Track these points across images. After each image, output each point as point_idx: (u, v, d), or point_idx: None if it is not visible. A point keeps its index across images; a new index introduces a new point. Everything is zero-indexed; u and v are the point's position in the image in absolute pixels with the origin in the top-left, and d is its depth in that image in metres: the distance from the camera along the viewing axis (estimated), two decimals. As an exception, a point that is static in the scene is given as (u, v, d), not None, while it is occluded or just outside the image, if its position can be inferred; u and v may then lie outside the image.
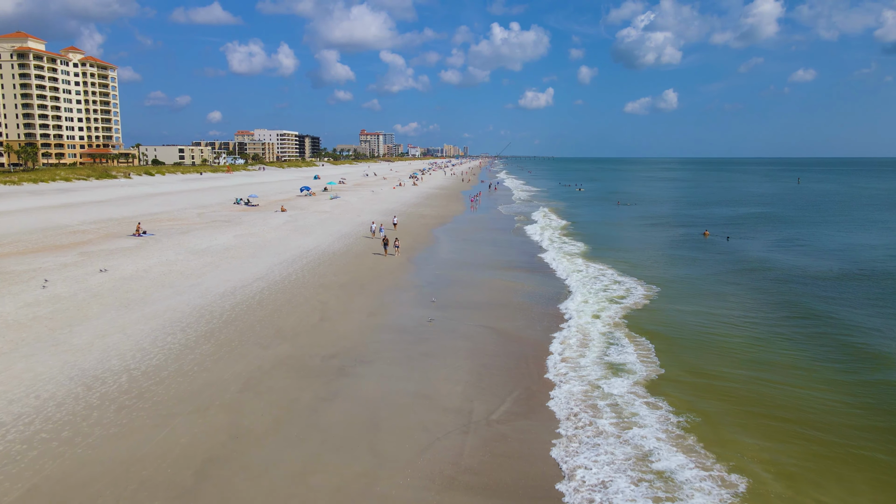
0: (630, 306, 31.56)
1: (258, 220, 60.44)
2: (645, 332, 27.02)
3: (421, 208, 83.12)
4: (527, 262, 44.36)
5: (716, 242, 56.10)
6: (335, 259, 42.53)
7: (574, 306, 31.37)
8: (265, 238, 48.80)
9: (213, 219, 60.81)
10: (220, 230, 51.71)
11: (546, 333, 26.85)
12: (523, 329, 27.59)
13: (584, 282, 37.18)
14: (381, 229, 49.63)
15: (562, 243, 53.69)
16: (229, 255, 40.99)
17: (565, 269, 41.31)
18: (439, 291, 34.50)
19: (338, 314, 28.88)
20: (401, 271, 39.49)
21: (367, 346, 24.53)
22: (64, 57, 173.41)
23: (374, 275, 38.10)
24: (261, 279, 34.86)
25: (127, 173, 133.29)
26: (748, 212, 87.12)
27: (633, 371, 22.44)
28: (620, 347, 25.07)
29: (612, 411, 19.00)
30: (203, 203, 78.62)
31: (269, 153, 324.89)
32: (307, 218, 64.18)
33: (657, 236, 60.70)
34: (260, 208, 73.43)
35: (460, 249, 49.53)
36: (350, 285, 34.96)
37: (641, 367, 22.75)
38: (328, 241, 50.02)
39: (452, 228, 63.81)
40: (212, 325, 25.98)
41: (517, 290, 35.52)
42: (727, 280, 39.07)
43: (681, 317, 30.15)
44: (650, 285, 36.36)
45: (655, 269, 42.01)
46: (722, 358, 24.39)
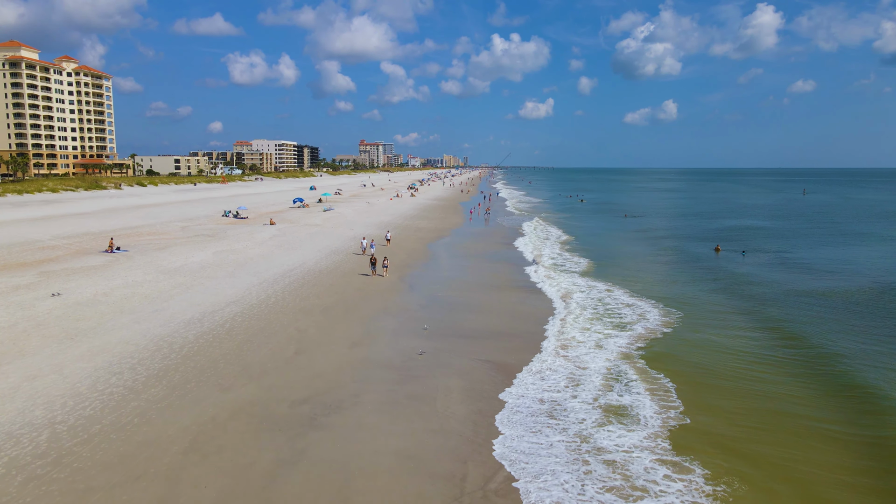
0: (643, 335, 28.17)
1: (244, 234, 57.15)
2: (662, 368, 23.63)
3: (417, 221, 79.90)
4: (527, 280, 41.02)
5: (731, 258, 52.77)
6: (321, 278, 39.20)
7: (578, 334, 27.98)
8: (247, 255, 45.49)
9: (196, 233, 57.52)
10: (200, 246, 48.41)
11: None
12: (527, 363, 24.19)
13: (589, 304, 33.81)
14: (372, 245, 46.17)
15: (565, 259, 50.36)
16: (205, 274, 37.65)
17: (569, 288, 37.96)
18: (432, 316, 31.15)
19: (316, 346, 25.51)
20: (391, 293, 36.15)
21: (346, 386, 21.15)
22: (57, 66, 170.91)
23: (361, 297, 34.76)
24: (235, 303, 31.50)
25: (118, 184, 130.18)
26: (759, 225, 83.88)
27: (646, 420, 19.03)
28: (630, 387, 21.69)
29: (622, 475, 15.59)
30: (190, 216, 75.36)
31: (266, 164, 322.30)
32: (296, 232, 60.89)
33: (666, 251, 57.40)
34: (248, 221, 70.17)
35: (457, 267, 46.20)
36: (334, 309, 31.62)
37: (656, 415, 19.35)
38: (316, 257, 46.71)
39: (450, 243, 60.53)
40: (168, 360, 22.59)
41: (518, 313, 32.14)
42: (751, 301, 35.66)
43: (704, 347, 26.74)
44: (666, 308, 32.99)
45: (668, 289, 38.66)
46: (763, 401, 21.00)
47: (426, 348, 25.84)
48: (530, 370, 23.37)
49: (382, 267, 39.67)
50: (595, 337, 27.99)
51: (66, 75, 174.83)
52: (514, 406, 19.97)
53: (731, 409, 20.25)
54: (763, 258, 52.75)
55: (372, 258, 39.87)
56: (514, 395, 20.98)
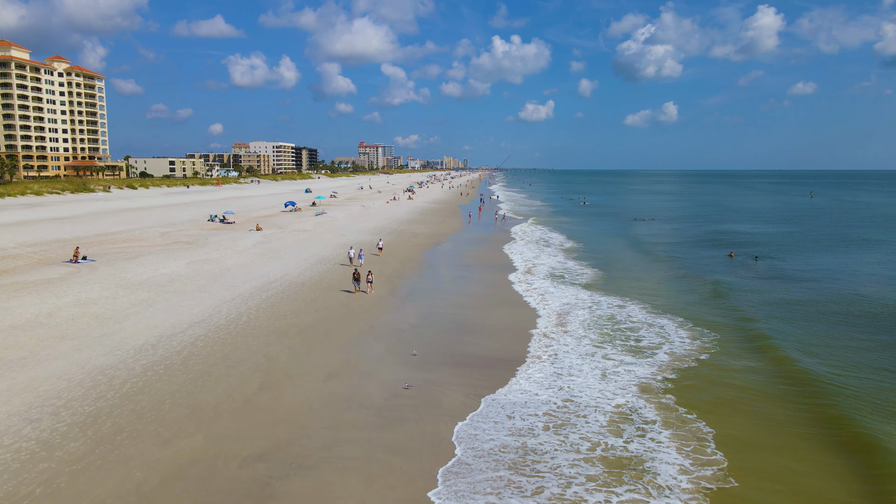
0: (666, 363, 24.48)
1: (226, 240, 53.47)
2: (694, 405, 19.94)
3: (414, 226, 76.24)
4: (531, 293, 37.31)
5: (747, 265, 49.08)
6: (302, 292, 35.52)
7: (580, 361, 24.28)
8: (224, 265, 41.81)
9: (175, 239, 53.86)
10: (175, 254, 44.73)
11: (567, 408, 19.77)
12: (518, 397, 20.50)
13: (594, 323, 30.11)
14: (360, 255, 42.39)
15: (571, 269, 46.66)
16: (172, 288, 33.96)
17: (580, 303, 34.27)
18: (423, 339, 27.47)
19: (285, 378, 21.83)
20: (379, 310, 32.47)
21: (313, 435, 17.49)
22: (48, 66, 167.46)
23: (345, 315, 31.08)
24: (200, 323, 27.82)
25: (107, 187, 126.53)
26: (771, 230, 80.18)
27: (669, 482, 15.33)
28: (647, 431, 18.00)
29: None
30: (174, 220, 71.71)
31: (264, 165, 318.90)
32: (283, 238, 57.22)
33: (681, 259, 53.65)
34: (234, 226, 66.51)
35: (453, 278, 42.51)
36: (312, 331, 27.94)
37: (684, 474, 15.64)
38: (300, 267, 43.04)
39: (447, 250, 56.85)
40: (103, 401, 18.92)
41: (520, 334, 28.44)
42: (792, 322, 31.90)
43: (750, 379, 22.97)
44: (694, 328, 29.27)
45: (691, 304, 34.94)
46: (845, 456, 17.30)
47: (414, 380, 22.19)
48: (523, 407, 19.68)
49: (367, 282, 35.52)
50: (603, 365, 24.29)
51: (58, 75, 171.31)
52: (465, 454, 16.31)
53: (797, 470, 16.53)
54: (779, 266, 49.02)
55: (355, 273, 35.62)
56: (469, 436, 17.31)
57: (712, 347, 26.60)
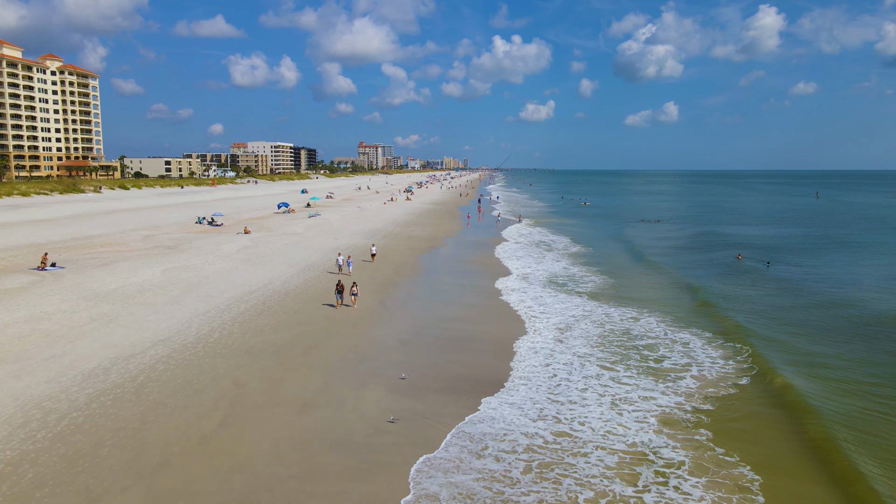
0: (695, 390, 21.60)
1: (210, 245, 50.58)
2: (734, 446, 17.04)
3: (410, 228, 73.35)
4: (531, 304, 34.42)
5: (759, 271, 46.18)
6: (285, 303, 32.64)
7: (593, 392, 21.39)
8: (204, 272, 38.91)
9: (157, 244, 50.97)
10: (152, 260, 41.85)
11: (578, 446, 16.88)
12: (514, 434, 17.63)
13: (610, 338, 27.22)
14: (348, 263, 39.37)
15: (578, 275, 43.76)
16: (141, 299, 31.07)
17: (586, 315, 31.38)
18: (414, 359, 24.60)
19: (252, 410, 18.95)
20: (367, 323, 29.59)
21: (277, 487, 14.62)
22: (41, 64, 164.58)
23: (329, 329, 28.20)
24: (165, 341, 24.94)
25: (97, 187, 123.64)
26: (779, 232, 77.27)
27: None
28: (678, 480, 15.10)
29: None
30: (160, 222, 68.81)
31: (262, 165, 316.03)
32: (271, 242, 54.33)
33: (694, 264, 50.69)
34: (222, 229, 63.62)
35: (449, 286, 39.62)
36: (290, 349, 25.07)
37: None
38: (286, 275, 40.16)
39: (444, 255, 53.98)
40: (31, 443, 16.04)
41: (517, 352, 25.53)
42: (824, 334, 29.02)
43: (789, 412, 20.11)
44: (719, 345, 26.38)
45: (708, 315, 32.05)
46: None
47: (401, 410, 19.34)
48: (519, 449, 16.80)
49: (351, 295, 32.09)
50: (613, 391, 21.41)
51: (51, 74, 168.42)
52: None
53: None
54: (794, 272, 46.13)
55: (339, 284, 31.80)
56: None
57: (750, 369, 23.68)
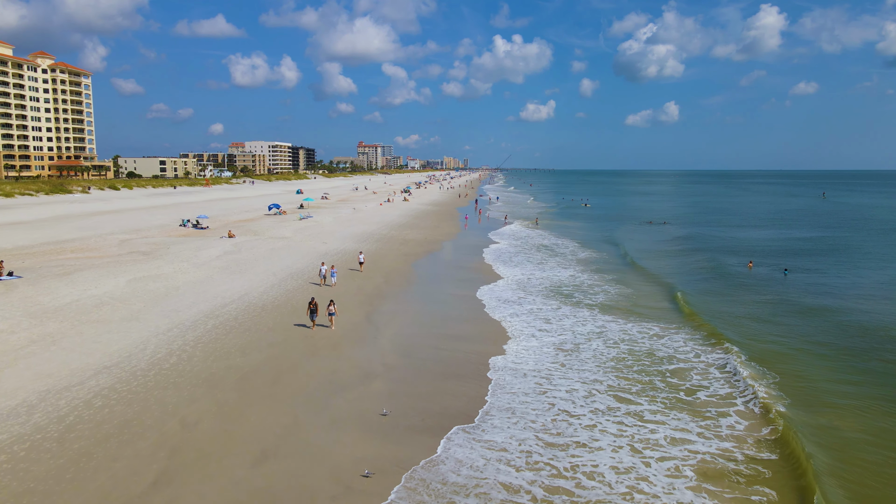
0: (745, 430, 18.25)
1: (189, 249, 47.24)
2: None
3: (406, 231, 70.00)
4: (535, 318, 31.08)
5: (776, 279, 42.82)
6: (260, 318, 29.32)
7: (605, 436, 18.04)
8: (175, 282, 35.57)
9: (132, 249, 47.63)
10: (122, 268, 38.49)
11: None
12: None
13: (626, 361, 23.89)
14: (332, 273, 35.85)
15: (586, 284, 40.41)
16: (96, 315, 27.72)
17: (598, 332, 28.04)
18: (398, 388, 21.29)
19: (196, 463, 15.62)
20: (348, 343, 26.25)
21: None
22: (31, 62, 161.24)
23: (305, 351, 24.87)
24: (111, 368, 21.61)
25: (86, 188, 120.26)
26: (790, 235, 73.86)
27: None
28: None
29: None
30: (142, 225, 65.46)
31: (259, 165, 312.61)
32: (256, 247, 50.97)
33: (718, 271, 47.36)
34: (206, 232, 60.28)
35: (445, 298, 36.27)
36: (256, 377, 21.75)
37: None
38: (265, 284, 36.82)
39: (440, 260, 50.66)
40: None
41: (514, 379, 22.20)
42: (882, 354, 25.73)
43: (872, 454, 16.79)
44: (765, 371, 23.05)
45: (750, 334, 28.72)
46: None
47: (380, 459, 16.05)
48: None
49: (328, 314, 28.10)
50: (632, 432, 18.06)
51: (42, 72, 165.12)
52: None
53: None
54: (819, 282, 42.79)
55: (311, 303, 27.39)
56: None
57: (812, 400, 20.30)
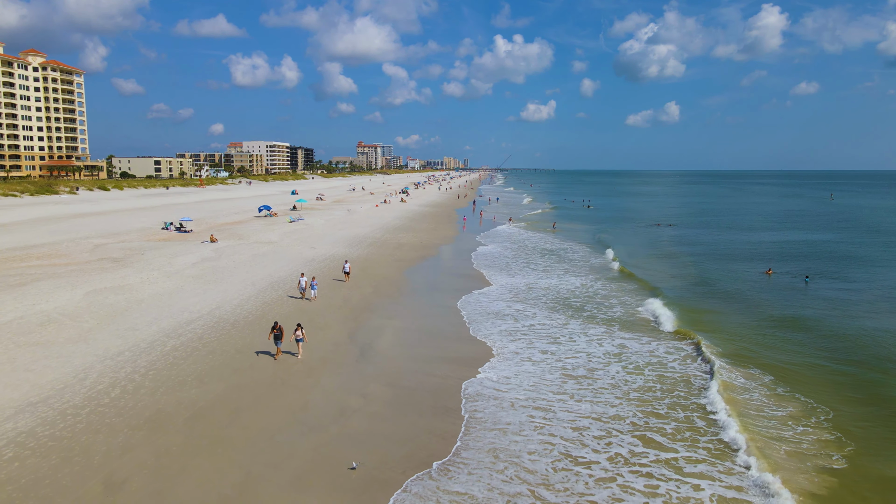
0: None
1: (164, 256, 43.86)
2: None
3: (401, 234, 66.61)
4: (545, 337, 27.69)
5: (797, 287, 39.45)
6: (229, 337, 25.94)
7: (656, 501, 14.65)
8: (139, 294, 32.18)
9: (105, 255, 44.26)
10: (83, 278, 35.11)
11: None
12: None
13: (664, 396, 20.47)
14: (313, 285, 32.37)
15: (598, 294, 37.00)
16: (38, 336, 24.33)
17: (625, 354, 24.64)
18: (379, 425, 17.92)
19: (109, 544, 12.22)
20: (325, 368, 22.87)
21: None
22: (22, 60, 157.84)
23: (274, 379, 21.49)
24: (36, 406, 18.23)
25: (74, 188, 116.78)
26: (804, 238, 70.39)
27: None
28: None
29: None
30: (123, 228, 62.06)
31: (257, 165, 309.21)
32: (238, 252, 47.58)
33: (726, 279, 43.98)
34: (189, 236, 56.89)
35: (438, 312, 32.86)
36: (211, 414, 18.38)
37: None
38: (242, 296, 33.44)
39: (436, 267, 47.28)
40: None
41: (517, 421, 18.81)
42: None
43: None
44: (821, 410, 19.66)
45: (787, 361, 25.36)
46: None
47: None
48: None
49: (296, 341, 23.64)
50: (671, 487, 14.64)
51: (33, 70, 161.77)
52: None
53: None
54: (845, 291, 39.41)
55: (275, 327, 23.24)
56: None
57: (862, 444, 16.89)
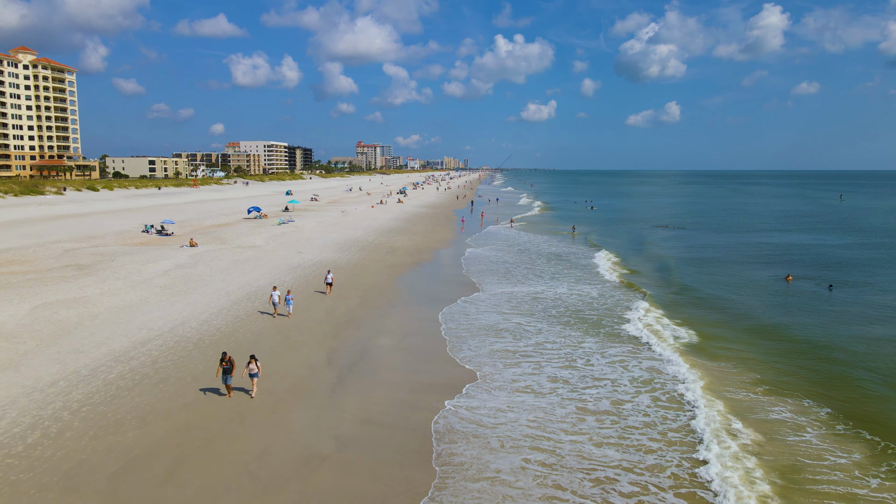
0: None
1: (134, 263, 40.41)
2: None
3: (395, 237, 63.15)
4: (558, 359, 24.23)
5: (822, 296, 35.98)
6: (187, 362, 22.47)
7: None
8: (95, 308, 28.72)
9: (71, 261, 40.81)
10: (36, 289, 31.64)
11: None
12: None
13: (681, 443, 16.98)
14: (287, 300, 28.62)
15: (610, 303, 33.48)
16: (-39, 362, 20.87)
17: (657, 384, 21.15)
18: (351, 484, 14.45)
19: None
20: (294, 401, 19.42)
21: None
22: (12, 58, 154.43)
23: (229, 415, 18.02)
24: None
25: (61, 188, 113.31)
26: (821, 241, 66.92)
27: None
28: None
29: None
30: (101, 231, 58.59)
31: (254, 165, 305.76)
32: (217, 258, 44.13)
33: (745, 285, 40.51)
34: (169, 240, 53.43)
35: (431, 328, 29.36)
36: (145, 466, 14.90)
37: None
38: (213, 309, 29.98)
39: (431, 273, 43.83)
40: None
41: (525, 474, 15.34)
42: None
43: None
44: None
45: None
46: None
47: None
48: None
49: (249, 376, 19.11)
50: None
51: (23, 68, 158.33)
52: None
53: None
54: (875, 301, 35.93)
55: (224, 359, 18.76)
56: None
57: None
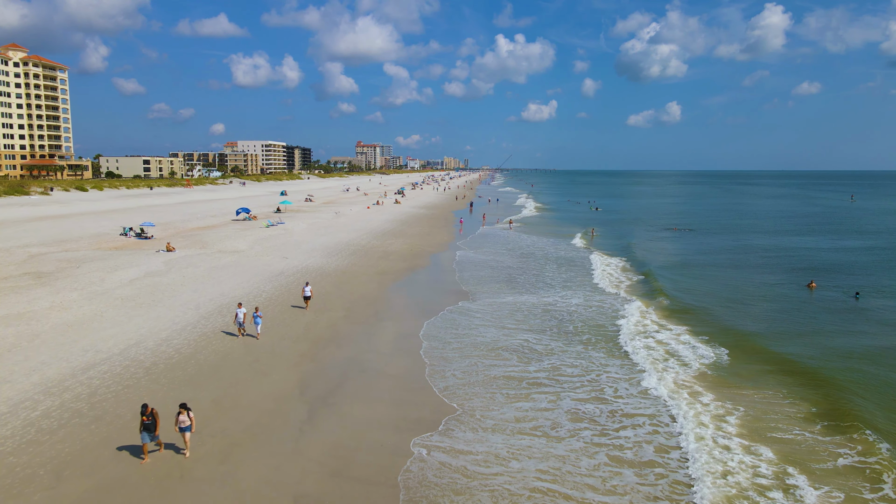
0: None
1: (101, 270, 36.99)
2: None
3: (390, 240, 59.71)
4: (573, 391, 20.80)
5: (851, 306, 32.55)
6: (132, 392, 19.05)
7: None
8: (41, 325, 25.29)
9: (32, 269, 37.39)
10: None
11: None
12: None
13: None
14: (256, 318, 24.81)
15: (654, 319, 30.07)
16: None
17: (686, 432, 17.77)
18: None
19: None
20: (245, 452, 16.00)
21: None
22: (2, 55, 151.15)
23: (162, 476, 14.62)
24: None
25: (47, 189, 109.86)
26: (839, 244, 63.46)
27: None
28: None
29: None
30: (76, 234, 55.15)
31: (252, 165, 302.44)
32: (194, 264, 40.71)
33: (767, 294, 37.07)
34: (146, 244, 50.01)
35: (422, 346, 25.93)
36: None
37: None
38: (178, 324, 26.56)
39: (426, 281, 40.39)
40: None
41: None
42: None
43: None
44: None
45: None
46: None
47: None
48: None
49: (180, 431, 15.57)
50: None
51: (13, 66, 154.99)
52: None
53: None
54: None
55: (146, 412, 15.18)
56: None
57: None
